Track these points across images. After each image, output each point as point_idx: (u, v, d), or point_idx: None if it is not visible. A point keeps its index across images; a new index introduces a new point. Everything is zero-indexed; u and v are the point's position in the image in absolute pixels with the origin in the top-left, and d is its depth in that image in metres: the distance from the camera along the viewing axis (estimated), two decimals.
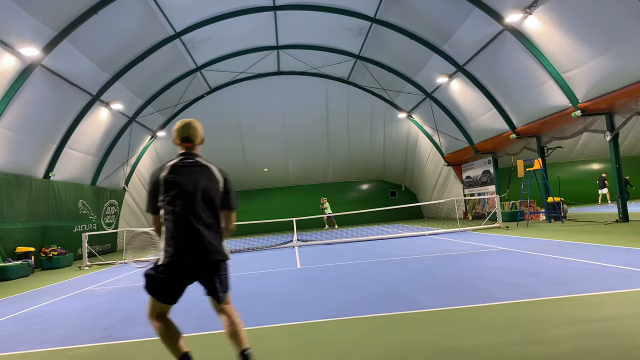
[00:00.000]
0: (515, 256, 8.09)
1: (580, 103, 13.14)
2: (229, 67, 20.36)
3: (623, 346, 3.21)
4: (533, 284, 5.54)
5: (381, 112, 24.48)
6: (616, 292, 4.76)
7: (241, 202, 26.15)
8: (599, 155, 25.31)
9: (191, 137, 3.18)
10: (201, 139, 3.27)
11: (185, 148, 3.17)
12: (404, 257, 9.35)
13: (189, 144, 3.18)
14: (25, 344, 4.80)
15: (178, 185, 2.98)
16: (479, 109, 18.10)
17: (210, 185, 3.06)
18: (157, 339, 3.08)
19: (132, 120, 19.60)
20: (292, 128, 24.84)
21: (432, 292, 5.66)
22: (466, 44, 15.63)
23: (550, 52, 12.96)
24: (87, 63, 14.46)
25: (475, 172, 21.97)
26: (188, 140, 3.17)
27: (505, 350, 3.34)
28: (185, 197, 2.97)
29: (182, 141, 3.17)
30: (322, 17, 17.28)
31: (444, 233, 14.68)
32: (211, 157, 14.28)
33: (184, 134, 3.17)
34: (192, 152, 3.18)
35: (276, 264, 10.31)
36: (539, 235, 11.31)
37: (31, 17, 11.39)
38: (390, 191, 29.35)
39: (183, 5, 15.04)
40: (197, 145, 3.24)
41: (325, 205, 24.13)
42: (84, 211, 18.04)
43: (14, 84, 12.18)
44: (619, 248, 7.96)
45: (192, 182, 3.01)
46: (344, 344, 3.88)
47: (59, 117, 14.95)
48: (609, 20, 10.75)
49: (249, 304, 5.89)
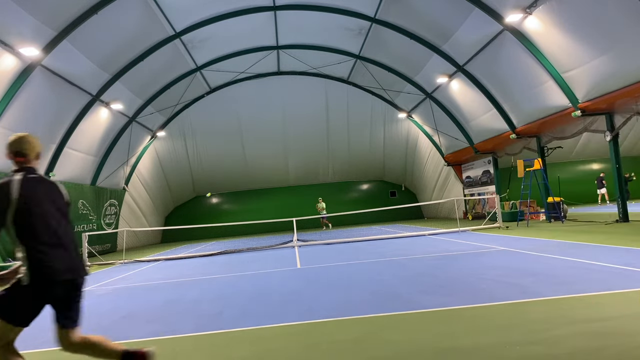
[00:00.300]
0: (515, 256, 8.09)
1: (580, 103, 13.14)
2: (229, 67, 20.37)
3: (623, 346, 3.21)
4: (533, 284, 5.54)
5: (381, 112, 24.49)
6: (616, 292, 4.76)
7: (241, 202, 26.16)
8: (599, 155, 25.32)
9: (24, 152, 3.03)
10: (36, 153, 3.12)
11: (17, 163, 3.01)
12: (404, 257, 9.35)
13: (22, 158, 3.03)
14: (25, 343, 4.80)
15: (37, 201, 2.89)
16: (479, 109, 18.10)
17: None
18: (158, 339, 3.06)
19: (132, 120, 19.60)
20: (292, 128, 24.85)
21: (432, 292, 5.67)
22: (466, 44, 15.63)
23: (550, 52, 12.96)
24: (87, 63, 14.47)
25: (475, 172, 21.97)
26: (20, 154, 3.03)
27: (505, 350, 3.34)
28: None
29: (15, 155, 3.02)
30: (322, 17, 17.28)
31: (444, 233, 14.68)
32: (211, 157, 14.37)
33: (16, 148, 3.02)
34: (28, 166, 3.04)
35: (276, 264, 10.30)
36: (539, 235, 11.32)
37: (31, 17, 11.40)
38: (390, 191, 29.35)
39: (183, 5, 15.04)
40: (32, 160, 3.09)
41: (322, 205, 24.08)
42: (84, 211, 18.04)
43: (14, 84, 12.19)
44: (619, 248, 7.96)
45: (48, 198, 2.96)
46: (344, 344, 3.88)
47: (59, 117, 14.95)
48: (609, 20, 10.75)
49: (249, 304, 5.89)
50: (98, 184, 19.26)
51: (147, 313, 5.91)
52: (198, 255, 14.19)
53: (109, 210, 20.43)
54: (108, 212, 20.36)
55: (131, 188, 22.68)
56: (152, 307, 6.30)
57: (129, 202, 22.58)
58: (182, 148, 24.76)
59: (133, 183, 22.88)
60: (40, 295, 2.85)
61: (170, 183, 26.45)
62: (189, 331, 4.74)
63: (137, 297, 7.28)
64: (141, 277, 10.09)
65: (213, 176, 26.72)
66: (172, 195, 27.31)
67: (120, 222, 21.65)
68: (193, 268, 10.87)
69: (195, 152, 25.14)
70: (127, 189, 22.29)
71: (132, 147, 20.98)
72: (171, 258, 14.38)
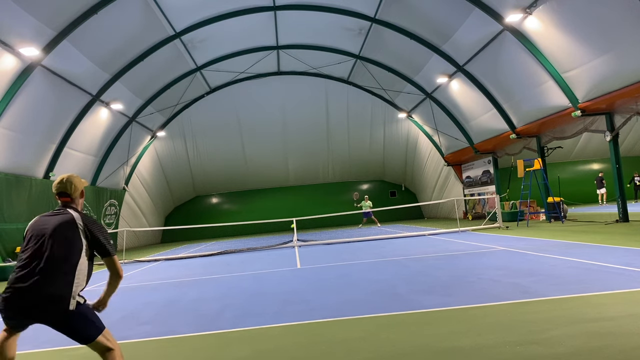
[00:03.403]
0: (515, 256, 8.09)
1: (580, 103, 13.14)
2: (229, 67, 20.37)
3: (623, 346, 3.21)
4: (533, 284, 5.54)
5: (381, 112, 24.49)
6: (616, 292, 4.76)
7: (241, 202, 26.12)
8: (599, 155, 25.31)
9: (67, 192, 3.19)
10: (80, 192, 3.29)
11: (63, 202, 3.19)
12: (404, 257, 9.35)
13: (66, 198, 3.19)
14: (25, 344, 4.80)
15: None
16: (479, 109, 18.10)
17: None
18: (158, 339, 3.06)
19: (132, 120, 19.60)
20: (292, 128, 24.85)
21: (432, 292, 5.66)
22: (466, 44, 15.63)
23: (550, 52, 12.96)
24: (87, 63, 14.46)
25: (475, 172, 21.97)
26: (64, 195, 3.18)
27: (505, 350, 3.34)
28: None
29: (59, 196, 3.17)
30: (322, 17, 17.28)
31: (444, 233, 14.68)
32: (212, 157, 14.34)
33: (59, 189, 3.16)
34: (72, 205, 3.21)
35: (276, 264, 10.30)
36: (539, 235, 11.31)
37: (31, 17, 11.39)
38: (390, 191, 29.36)
39: (183, 5, 15.04)
40: (76, 198, 3.27)
41: (368, 203, 21.98)
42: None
43: (14, 84, 12.18)
44: (619, 248, 7.95)
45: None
46: (344, 344, 3.88)
47: (59, 117, 14.95)
48: (609, 20, 10.74)
49: (249, 304, 5.89)
50: (98, 184, 19.26)
51: (147, 313, 5.91)
52: (198, 255, 14.19)
53: (109, 210, 20.42)
54: (108, 212, 20.35)
55: (131, 188, 22.67)
56: (152, 307, 6.30)
57: (129, 202, 22.57)
58: (182, 148, 24.76)
59: (133, 183, 22.88)
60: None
61: (170, 183, 26.45)
62: (189, 331, 4.74)
63: (137, 297, 7.28)
64: (141, 277, 10.09)
65: (213, 176, 26.73)
66: (172, 195, 27.32)
67: (120, 222, 21.65)
68: (193, 268, 10.87)
69: (195, 152, 25.14)
70: (127, 189, 22.29)
71: (132, 147, 20.97)
72: (171, 258, 14.38)
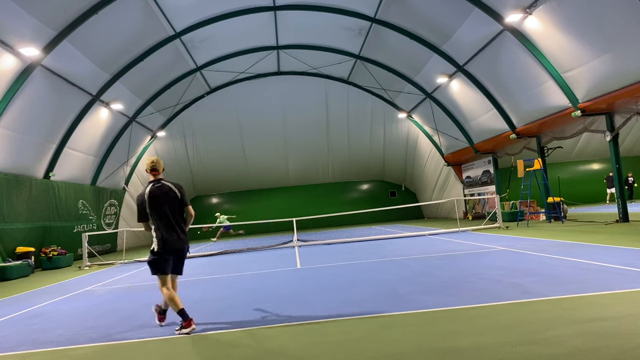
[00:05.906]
0: (515, 256, 8.09)
1: (580, 103, 13.14)
2: (229, 67, 20.37)
3: (623, 346, 3.21)
4: (533, 284, 5.54)
5: (381, 112, 24.49)
6: (616, 292, 4.76)
7: (241, 202, 26.15)
8: (599, 155, 25.31)
9: (157, 169, 4.99)
10: (162, 169, 5.03)
11: (153, 176, 4.96)
12: (404, 257, 9.35)
13: (155, 172, 4.97)
14: (25, 344, 4.80)
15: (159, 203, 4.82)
16: (479, 109, 18.10)
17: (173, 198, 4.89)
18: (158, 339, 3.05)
19: (132, 120, 19.60)
20: (292, 128, 24.85)
21: (432, 292, 5.66)
22: (466, 44, 15.63)
23: (550, 52, 12.96)
24: (87, 63, 14.47)
25: (475, 172, 21.97)
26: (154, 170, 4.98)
27: (505, 350, 3.34)
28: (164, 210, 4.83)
29: (151, 171, 4.97)
30: (322, 17, 17.28)
31: (444, 233, 14.68)
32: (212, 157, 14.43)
33: (151, 167, 4.97)
34: (158, 178, 4.95)
35: (276, 264, 10.30)
36: (539, 235, 11.31)
37: (31, 17, 11.40)
38: (390, 191, 29.36)
39: (183, 5, 15.04)
40: (160, 173, 4.98)
41: (222, 217, 21.57)
42: (84, 211, 18.04)
43: (14, 84, 12.19)
44: (619, 248, 7.95)
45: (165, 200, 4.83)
46: (344, 344, 3.88)
47: (59, 117, 14.95)
48: (609, 20, 10.74)
49: (249, 304, 5.89)
50: (98, 184, 19.26)
51: (148, 313, 5.91)
52: (198, 255, 14.18)
53: (109, 210, 20.43)
54: (108, 212, 20.36)
55: (131, 188, 22.67)
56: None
57: (129, 202, 22.56)
58: (182, 148, 24.76)
59: (133, 183, 22.88)
60: (165, 257, 4.75)
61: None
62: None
63: (137, 298, 7.28)
64: (141, 277, 10.08)
65: (213, 176, 26.73)
66: None
67: (120, 222, 21.65)
68: (193, 268, 10.86)
69: (195, 152, 25.14)
70: (127, 189, 22.29)
71: (132, 147, 20.98)
72: None
